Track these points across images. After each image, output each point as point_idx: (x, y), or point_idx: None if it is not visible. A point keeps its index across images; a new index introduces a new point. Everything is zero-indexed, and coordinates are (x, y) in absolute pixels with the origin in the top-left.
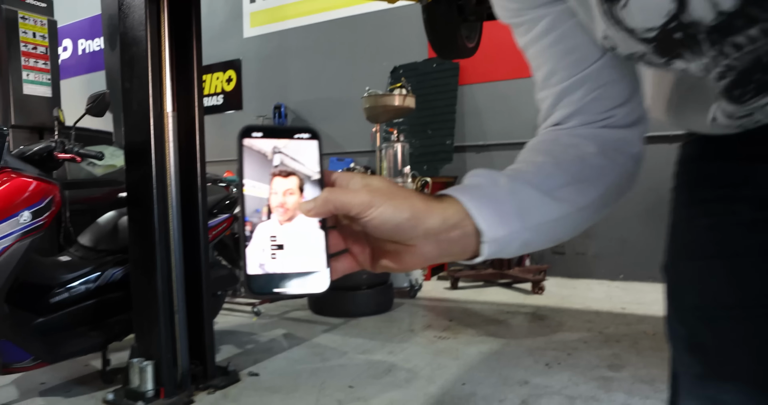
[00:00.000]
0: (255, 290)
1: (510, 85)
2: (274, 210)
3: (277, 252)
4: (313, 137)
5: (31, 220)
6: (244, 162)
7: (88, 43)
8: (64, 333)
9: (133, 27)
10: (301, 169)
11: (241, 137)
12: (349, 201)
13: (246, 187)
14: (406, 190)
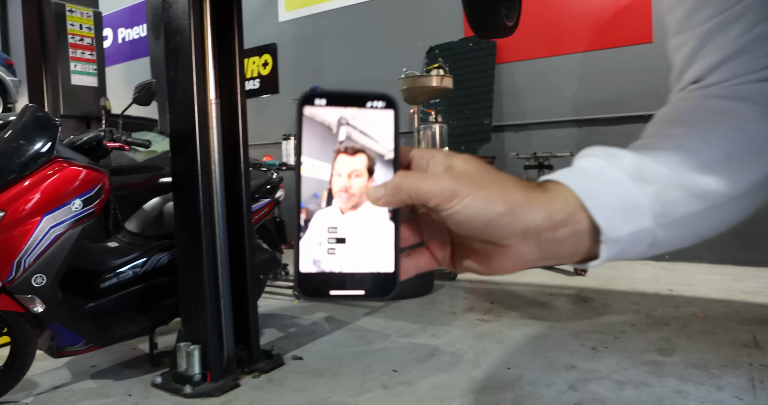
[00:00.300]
0: (307, 292)
1: (548, 62)
2: (336, 195)
3: (337, 247)
4: (388, 106)
5: (82, 207)
6: (303, 135)
7: (127, 32)
8: (114, 317)
9: (177, 16)
10: (371, 145)
11: (301, 105)
12: (427, 189)
13: (304, 166)
14: (500, 174)
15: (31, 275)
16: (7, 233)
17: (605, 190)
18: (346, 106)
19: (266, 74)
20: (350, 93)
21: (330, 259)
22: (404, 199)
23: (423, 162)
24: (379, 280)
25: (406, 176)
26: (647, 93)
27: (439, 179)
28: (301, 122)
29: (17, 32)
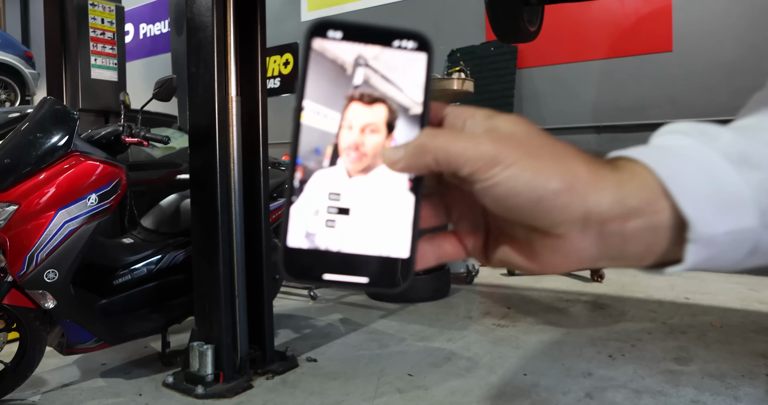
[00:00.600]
0: (294, 272)
1: (569, 68)
2: (343, 153)
3: (338, 218)
4: (421, 47)
5: (97, 203)
6: (309, 74)
7: (149, 27)
8: (126, 315)
9: (200, 13)
10: (394, 94)
11: (310, 36)
12: (460, 152)
13: (306, 112)
14: (557, 142)
15: (43, 270)
16: (21, 227)
17: (696, 175)
18: (367, 42)
19: (287, 73)
20: (374, 27)
21: (328, 233)
22: (429, 163)
23: (458, 121)
24: (388, 267)
25: (434, 135)
26: (667, 101)
27: (476, 140)
28: (307, 57)
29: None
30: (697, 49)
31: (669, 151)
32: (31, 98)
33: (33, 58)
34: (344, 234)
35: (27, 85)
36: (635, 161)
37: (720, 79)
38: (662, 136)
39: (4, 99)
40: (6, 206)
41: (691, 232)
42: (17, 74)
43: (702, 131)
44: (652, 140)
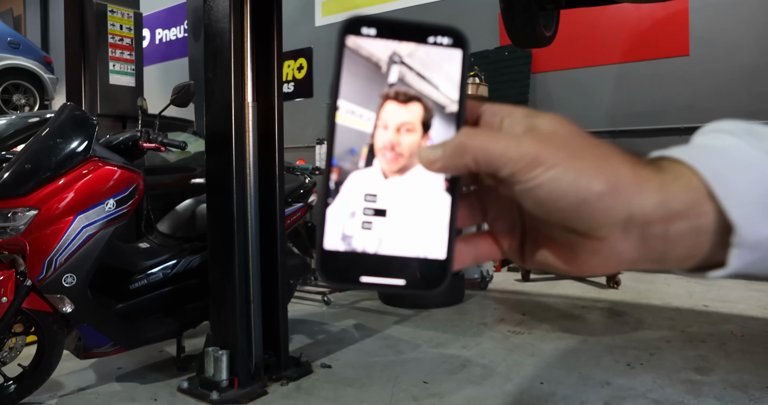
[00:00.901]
0: (331, 276)
1: (584, 73)
2: (379, 153)
3: (374, 220)
4: (456, 44)
5: (115, 208)
6: (343, 73)
7: (165, 33)
8: (142, 319)
9: (218, 19)
10: (430, 92)
11: (343, 33)
12: (501, 152)
13: (340, 112)
14: (599, 142)
15: (61, 275)
16: (40, 231)
17: (744, 177)
18: (401, 39)
19: (301, 78)
20: (408, 23)
21: (364, 235)
22: (468, 163)
23: (496, 120)
24: (425, 268)
25: (473, 134)
26: (684, 105)
27: (518, 140)
28: (341, 55)
29: (57, 30)
30: (714, 52)
31: (714, 151)
32: (49, 103)
33: (52, 63)
34: (381, 236)
35: (46, 90)
36: (679, 162)
37: (740, 83)
38: (706, 135)
39: (24, 103)
40: (26, 211)
41: (737, 236)
42: (36, 79)
43: (748, 131)
44: (695, 139)
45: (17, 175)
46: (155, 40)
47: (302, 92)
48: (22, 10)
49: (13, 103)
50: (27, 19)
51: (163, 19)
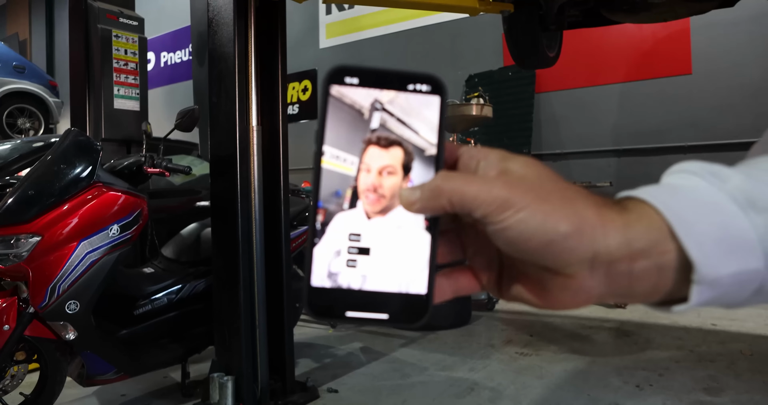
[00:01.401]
0: (317, 311)
1: (587, 92)
2: (362, 195)
3: (359, 258)
4: (434, 91)
5: (119, 233)
6: (328, 120)
7: (170, 56)
8: (147, 345)
9: (222, 43)
10: (410, 137)
11: (327, 82)
12: (474, 195)
13: (326, 156)
14: (567, 185)
15: (64, 302)
16: (43, 258)
17: (703, 217)
18: (382, 87)
19: (306, 99)
20: (388, 71)
21: (349, 272)
22: (444, 205)
23: (472, 162)
24: (407, 303)
25: (449, 178)
26: (687, 124)
27: (489, 184)
28: (326, 103)
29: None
30: (717, 71)
31: (677, 191)
32: (54, 126)
33: (57, 87)
34: (365, 273)
35: (51, 114)
36: (643, 202)
37: (743, 101)
38: (672, 174)
39: (29, 127)
40: (29, 237)
41: (696, 273)
42: (41, 103)
43: (711, 172)
44: (663, 178)
45: (20, 202)
46: (160, 63)
47: (307, 114)
48: (28, 35)
49: (18, 126)
50: (33, 43)
51: (168, 42)
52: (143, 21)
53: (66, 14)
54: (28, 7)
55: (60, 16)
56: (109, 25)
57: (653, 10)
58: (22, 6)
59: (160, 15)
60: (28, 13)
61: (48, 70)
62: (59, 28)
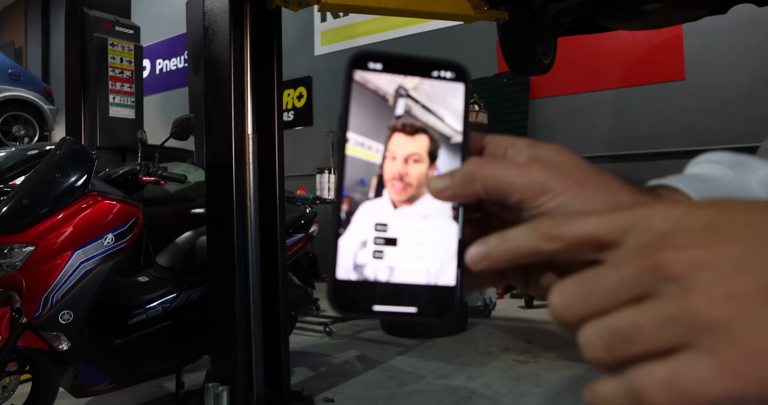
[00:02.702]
0: (344, 306)
1: (582, 98)
2: (388, 183)
3: (386, 249)
4: (459, 78)
5: (114, 242)
6: (351, 106)
7: (165, 63)
8: (141, 354)
9: (218, 52)
10: (435, 124)
11: (351, 68)
12: (511, 180)
13: (350, 143)
14: (601, 172)
15: (58, 312)
16: (37, 268)
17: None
18: (406, 73)
19: (301, 106)
20: (413, 58)
21: (376, 264)
22: (477, 191)
23: (499, 150)
24: (435, 295)
25: (482, 163)
26: (682, 129)
27: (525, 168)
28: (349, 89)
29: (57, 61)
30: (710, 76)
31: (708, 179)
32: (49, 133)
33: (52, 94)
34: (392, 264)
35: (46, 121)
36: (675, 189)
37: (737, 106)
38: (699, 164)
39: (23, 134)
40: (23, 247)
41: None
42: (36, 110)
43: (738, 162)
44: (689, 169)
45: (15, 211)
46: (155, 70)
47: (302, 121)
48: (24, 42)
49: (13, 134)
50: (28, 51)
51: (164, 49)
52: (139, 29)
53: (62, 22)
54: (24, 15)
55: (56, 24)
56: (105, 33)
57: (647, 17)
58: (18, 14)
59: (156, 22)
60: (24, 20)
61: (43, 77)
62: (55, 35)
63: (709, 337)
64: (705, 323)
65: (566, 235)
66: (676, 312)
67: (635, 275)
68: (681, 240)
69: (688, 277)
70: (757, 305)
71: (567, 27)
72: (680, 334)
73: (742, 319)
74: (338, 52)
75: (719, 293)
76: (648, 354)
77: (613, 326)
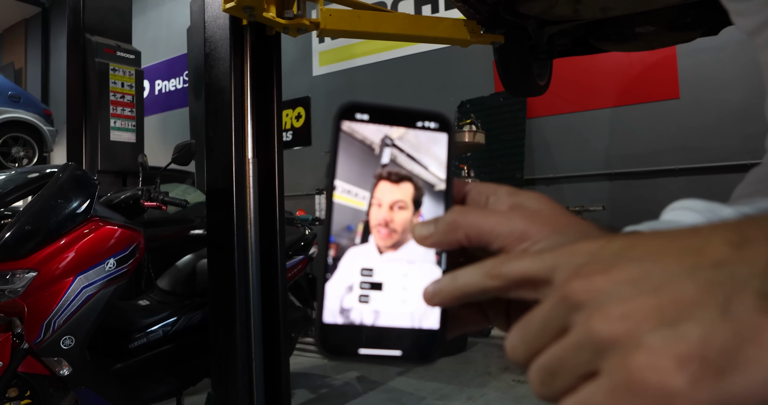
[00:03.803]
0: (330, 349)
1: (578, 117)
2: (373, 230)
3: (371, 293)
4: (442, 128)
5: (116, 267)
6: (339, 155)
7: (164, 84)
8: (141, 378)
9: (219, 78)
10: (420, 172)
11: (338, 118)
12: (492, 228)
13: (337, 191)
14: (579, 219)
15: (60, 337)
16: (39, 294)
17: None
18: (392, 124)
19: (299, 126)
20: (398, 109)
21: (362, 308)
22: (460, 239)
23: (481, 198)
24: (420, 339)
25: (465, 212)
26: (677, 147)
27: (507, 217)
28: (337, 138)
29: (56, 82)
30: (704, 95)
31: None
32: (48, 155)
33: (51, 116)
34: (377, 308)
35: (45, 142)
36: None
37: (730, 124)
38: (673, 211)
39: (22, 156)
40: (25, 273)
41: None
42: (36, 132)
43: (710, 210)
44: (663, 215)
45: (17, 237)
46: (154, 91)
47: (301, 141)
48: (23, 63)
49: (12, 155)
50: (28, 72)
51: (163, 70)
52: (140, 54)
53: (61, 44)
54: (24, 37)
55: (55, 45)
56: (106, 58)
57: (640, 39)
58: (19, 36)
59: (154, 44)
60: (24, 42)
61: (42, 98)
62: (54, 56)
63: (608, 359)
64: (603, 345)
65: (505, 274)
66: (581, 337)
67: (553, 309)
68: (588, 269)
69: (592, 301)
70: (647, 323)
71: (562, 48)
72: (591, 360)
73: (632, 338)
74: (336, 73)
75: (615, 314)
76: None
77: (542, 363)
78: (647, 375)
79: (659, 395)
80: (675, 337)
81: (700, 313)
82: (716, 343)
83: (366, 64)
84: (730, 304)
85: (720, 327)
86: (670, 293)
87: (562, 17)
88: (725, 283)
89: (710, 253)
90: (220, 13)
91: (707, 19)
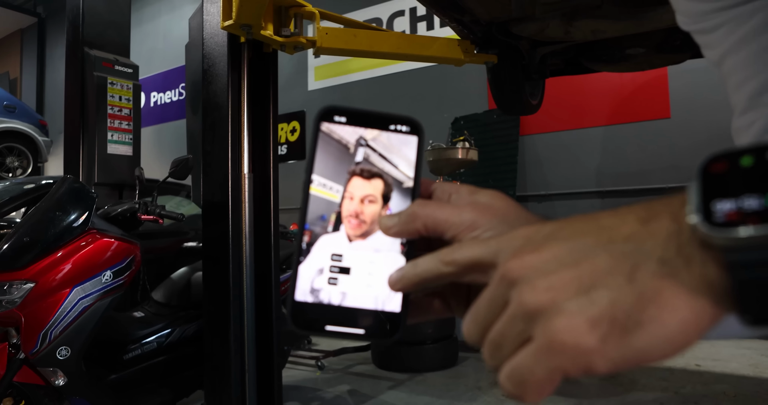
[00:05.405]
0: (299, 323)
1: (571, 135)
2: (345, 220)
3: (339, 276)
4: (413, 131)
5: (112, 279)
6: (317, 152)
7: (159, 96)
8: (136, 389)
9: (216, 94)
10: (390, 170)
11: (318, 120)
12: (446, 218)
13: (313, 184)
14: (528, 213)
15: (56, 348)
16: (35, 304)
17: None
18: (367, 126)
19: (294, 140)
20: (373, 113)
21: (330, 289)
22: (419, 228)
23: (444, 195)
24: (382, 320)
25: (423, 205)
26: (668, 166)
27: (459, 209)
28: (316, 137)
29: (51, 92)
30: (694, 114)
31: None
32: (42, 165)
33: (47, 126)
34: (345, 290)
35: (40, 153)
36: None
37: (720, 144)
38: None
39: (17, 166)
40: (23, 284)
41: None
42: (31, 142)
43: None
44: None
45: (15, 248)
46: (150, 103)
47: (295, 154)
48: (19, 73)
49: (7, 165)
50: (23, 82)
51: (159, 82)
52: (138, 68)
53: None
54: (20, 47)
55: (51, 55)
56: (104, 72)
57: (631, 60)
58: (14, 45)
59: (150, 56)
60: (20, 52)
61: (37, 108)
62: (50, 67)
63: (536, 325)
64: (532, 314)
65: (458, 260)
66: (515, 310)
67: (496, 289)
68: (523, 250)
69: (524, 277)
70: (567, 293)
71: (554, 68)
72: (524, 329)
73: (554, 306)
74: (331, 88)
75: (541, 287)
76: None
77: (490, 338)
78: (565, 336)
79: (575, 353)
80: (588, 303)
81: (610, 281)
82: (623, 306)
83: (361, 80)
84: (636, 271)
85: (626, 291)
86: (588, 266)
87: (554, 39)
88: (632, 253)
89: (623, 229)
90: (218, 31)
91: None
